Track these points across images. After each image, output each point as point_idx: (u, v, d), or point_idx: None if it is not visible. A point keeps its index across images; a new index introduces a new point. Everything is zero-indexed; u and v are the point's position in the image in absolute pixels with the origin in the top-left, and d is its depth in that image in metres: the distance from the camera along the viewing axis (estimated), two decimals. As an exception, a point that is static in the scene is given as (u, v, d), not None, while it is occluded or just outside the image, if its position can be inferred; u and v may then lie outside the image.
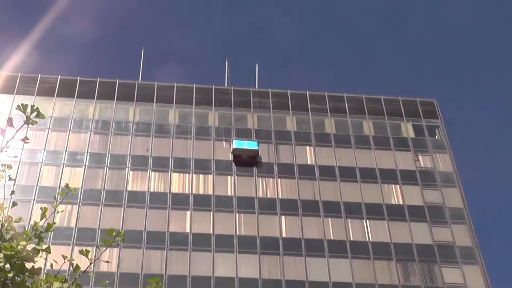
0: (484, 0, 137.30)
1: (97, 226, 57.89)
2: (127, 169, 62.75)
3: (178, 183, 62.21)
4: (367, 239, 59.42)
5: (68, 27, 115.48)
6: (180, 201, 60.53)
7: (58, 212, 11.08)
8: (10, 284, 9.52)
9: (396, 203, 62.66)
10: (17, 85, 67.54)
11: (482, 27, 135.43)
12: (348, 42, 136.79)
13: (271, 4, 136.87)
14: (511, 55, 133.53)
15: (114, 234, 10.00)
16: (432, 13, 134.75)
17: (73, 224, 57.78)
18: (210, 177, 62.87)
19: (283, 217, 60.01)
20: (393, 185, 63.63)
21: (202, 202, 60.47)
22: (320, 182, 63.28)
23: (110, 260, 54.96)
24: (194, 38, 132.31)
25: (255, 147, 65.05)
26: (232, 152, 65.08)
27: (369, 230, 59.96)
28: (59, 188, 57.98)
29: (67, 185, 10.47)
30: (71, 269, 10.16)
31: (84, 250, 10.18)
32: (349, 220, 60.23)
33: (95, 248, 30.39)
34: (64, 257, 10.49)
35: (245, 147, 64.72)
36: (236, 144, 65.10)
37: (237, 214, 59.55)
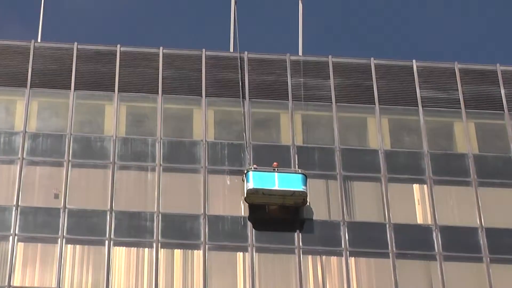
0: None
1: None
2: (11, 239, 38.79)
3: (126, 266, 39.07)
4: None
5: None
6: (130, 309, 39.29)
7: None
8: None
9: None
10: None
11: None
12: None
13: None
14: None
15: None
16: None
17: None
18: (197, 254, 38.95)
19: None
20: None
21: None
22: (446, 264, 38.64)
23: None
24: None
25: (300, 188, 39.47)
26: (246, 199, 39.43)
27: None
28: None
29: None
30: None
31: None
32: None
33: None
34: None
35: (277, 187, 39.36)
36: (255, 180, 39.42)
37: None
